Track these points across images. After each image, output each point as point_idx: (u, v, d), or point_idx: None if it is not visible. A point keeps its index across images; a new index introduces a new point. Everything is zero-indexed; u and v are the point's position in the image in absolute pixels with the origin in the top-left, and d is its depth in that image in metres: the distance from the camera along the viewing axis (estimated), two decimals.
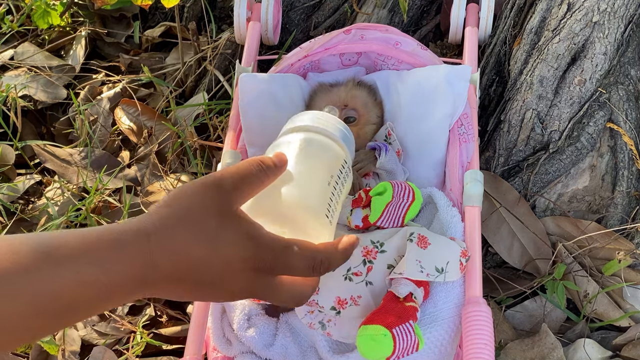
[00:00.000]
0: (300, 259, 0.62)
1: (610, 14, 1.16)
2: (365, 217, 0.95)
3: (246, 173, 0.63)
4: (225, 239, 0.59)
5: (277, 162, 0.66)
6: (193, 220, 0.59)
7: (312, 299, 0.90)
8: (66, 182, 1.35)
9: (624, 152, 1.19)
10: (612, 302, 1.12)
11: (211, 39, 1.51)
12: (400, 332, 0.83)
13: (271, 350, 0.93)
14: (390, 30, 1.21)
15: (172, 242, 0.57)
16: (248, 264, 0.60)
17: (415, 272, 0.89)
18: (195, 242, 0.58)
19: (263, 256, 0.60)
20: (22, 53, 1.59)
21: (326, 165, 0.72)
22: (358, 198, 0.96)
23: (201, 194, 0.60)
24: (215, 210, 0.60)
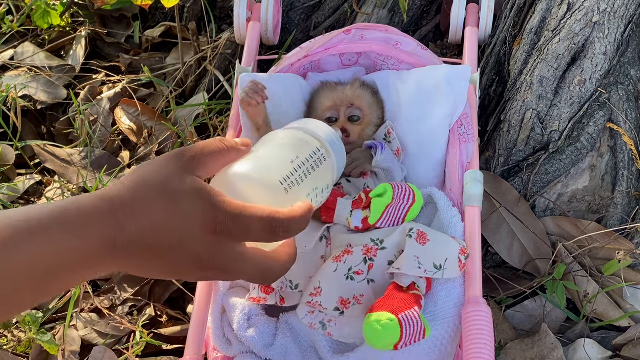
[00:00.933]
0: (257, 221, 0.62)
1: (610, 14, 1.17)
2: (365, 219, 0.96)
3: (207, 146, 0.65)
4: (184, 199, 0.60)
5: (239, 142, 0.68)
6: (154, 182, 0.61)
7: (316, 300, 0.90)
8: (66, 182, 1.35)
9: (624, 152, 1.19)
10: (612, 302, 1.12)
11: (211, 39, 1.51)
12: (407, 318, 0.83)
13: (271, 350, 0.93)
14: (390, 30, 1.21)
15: (133, 202, 0.59)
16: (206, 225, 0.60)
17: (413, 269, 0.89)
18: (155, 202, 0.60)
19: (221, 218, 0.61)
20: (22, 53, 1.59)
21: (292, 147, 0.74)
22: (358, 199, 0.96)
23: (164, 163, 0.62)
24: (175, 177, 0.61)
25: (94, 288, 1.23)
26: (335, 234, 0.98)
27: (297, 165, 0.72)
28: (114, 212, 0.58)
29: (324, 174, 0.77)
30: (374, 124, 1.15)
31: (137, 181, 0.61)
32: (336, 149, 0.79)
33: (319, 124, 0.80)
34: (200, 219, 0.60)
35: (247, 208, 0.62)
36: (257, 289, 0.96)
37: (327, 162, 0.77)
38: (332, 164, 0.78)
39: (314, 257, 0.97)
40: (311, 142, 0.77)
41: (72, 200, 0.58)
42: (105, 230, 0.57)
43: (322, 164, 0.77)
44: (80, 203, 0.58)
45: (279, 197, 0.68)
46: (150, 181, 0.61)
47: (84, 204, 0.58)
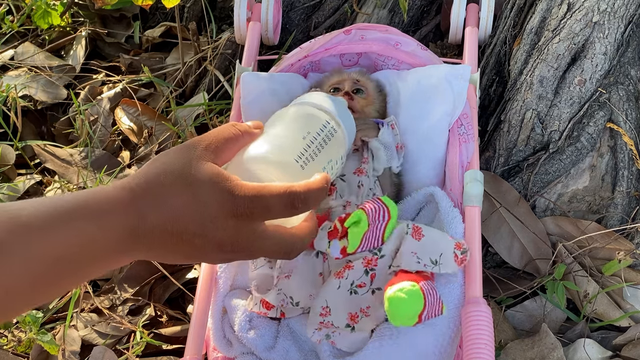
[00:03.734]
0: (276, 198, 0.63)
1: (610, 14, 1.17)
2: (343, 249, 0.93)
3: (220, 132, 0.67)
4: (202, 186, 0.62)
5: (252, 126, 0.70)
6: (172, 172, 0.62)
7: (327, 320, 0.90)
8: (66, 182, 1.35)
9: (624, 152, 1.19)
10: (612, 302, 1.12)
11: (211, 39, 1.51)
12: (427, 287, 0.83)
13: (272, 352, 0.93)
14: (390, 30, 1.21)
15: (153, 192, 0.60)
16: (226, 210, 0.62)
17: (413, 264, 0.89)
18: (174, 191, 0.61)
19: (240, 201, 0.62)
20: (22, 53, 1.59)
21: (302, 124, 0.76)
22: (334, 230, 0.93)
23: (179, 151, 0.64)
24: (192, 166, 0.63)
25: (94, 288, 1.23)
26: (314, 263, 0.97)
27: (310, 140, 0.73)
28: (135, 202, 0.59)
29: (337, 145, 0.78)
30: (376, 109, 1.15)
31: (156, 171, 0.62)
32: (345, 118, 0.80)
33: (324, 96, 0.81)
34: (219, 205, 0.61)
35: (263, 187, 0.64)
36: (259, 304, 0.96)
37: (338, 134, 0.78)
38: (343, 134, 0.79)
39: (312, 274, 0.95)
40: (320, 115, 0.78)
41: (93, 191, 0.59)
42: (127, 220, 0.58)
43: (333, 136, 0.78)
44: (102, 194, 0.59)
45: (296, 175, 0.69)
46: (169, 171, 0.62)
47: (106, 194, 0.59)
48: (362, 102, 1.12)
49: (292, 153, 0.71)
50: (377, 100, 1.15)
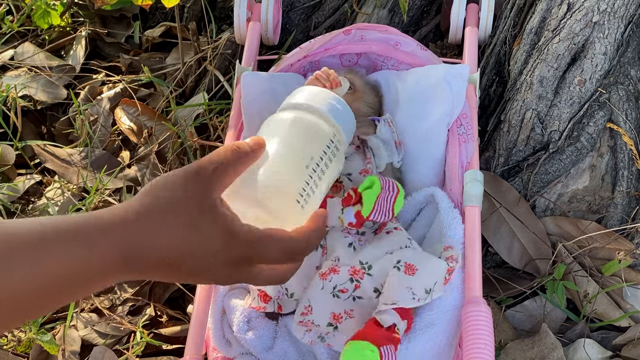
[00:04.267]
0: (277, 251, 0.63)
1: (610, 14, 1.17)
2: (357, 213, 0.94)
3: (224, 159, 0.64)
4: (204, 231, 0.60)
5: (253, 146, 0.67)
6: (173, 210, 0.60)
7: (308, 319, 0.90)
8: (66, 182, 1.35)
9: (624, 152, 1.19)
10: (612, 302, 1.12)
11: (211, 39, 1.51)
12: (387, 352, 0.83)
13: (270, 353, 0.93)
14: (390, 30, 1.21)
15: (153, 231, 0.59)
16: (225, 256, 0.61)
17: (409, 300, 0.88)
18: (175, 233, 0.60)
19: (240, 250, 0.62)
20: (22, 53, 1.59)
21: (307, 146, 0.70)
22: (347, 197, 0.95)
23: (182, 184, 0.62)
24: (195, 200, 0.61)
25: None
26: (332, 243, 0.97)
27: (312, 169, 0.69)
28: (133, 239, 0.58)
29: (338, 162, 0.73)
30: (367, 103, 1.14)
31: (156, 206, 0.60)
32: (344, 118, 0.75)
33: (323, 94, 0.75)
34: (219, 250, 0.61)
35: (265, 236, 0.63)
36: (257, 298, 0.96)
37: (341, 149, 0.73)
38: (344, 145, 0.74)
39: (309, 266, 0.95)
40: (325, 129, 0.72)
41: (93, 215, 0.58)
42: (123, 254, 0.58)
43: (337, 153, 0.73)
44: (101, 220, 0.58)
45: (295, 218, 0.67)
46: (169, 210, 0.60)
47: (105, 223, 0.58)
48: (347, 99, 1.12)
49: (293, 194, 0.66)
50: (367, 95, 1.15)
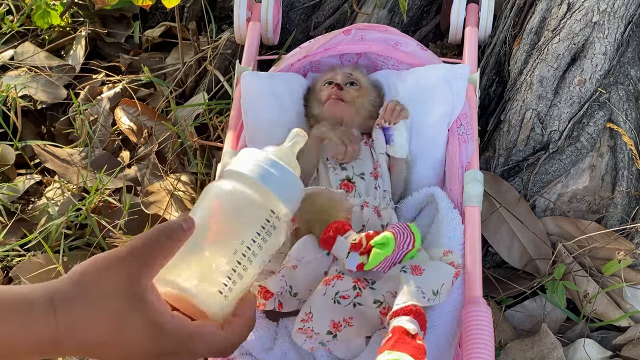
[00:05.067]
0: (203, 348, 0.63)
1: (610, 14, 1.16)
2: (360, 265, 0.93)
3: (153, 244, 0.62)
4: (130, 325, 0.60)
5: (184, 227, 0.64)
6: (100, 303, 0.60)
7: (307, 326, 0.90)
8: (66, 182, 1.35)
9: (624, 152, 1.19)
10: (612, 302, 1.12)
11: (211, 39, 1.51)
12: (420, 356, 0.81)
13: (270, 354, 0.93)
14: (390, 30, 1.21)
15: (75, 323, 0.59)
16: (150, 350, 0.61)
17: (420, 298, 0.87)
18: (99, 324, 0.60)
19: (166, 344, 0.62)
20: (22, 53, 1.59)
21: (238, 229, 0.66)
22: (358, 243, 0.93)
23: (112, 274, 0.60)
24: (124, 292, 0.60)
25: None
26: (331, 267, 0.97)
27: (242, 253, 0.65)
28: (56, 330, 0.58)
29: (276, 242, 0.68)
30: (370, 101, 1.15)
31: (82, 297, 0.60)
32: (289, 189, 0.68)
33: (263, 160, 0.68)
34: (144, 347, 0.61)
35: (195, 333, 0.63)
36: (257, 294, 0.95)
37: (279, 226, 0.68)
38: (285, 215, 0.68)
39: (318, 270, 0.95)
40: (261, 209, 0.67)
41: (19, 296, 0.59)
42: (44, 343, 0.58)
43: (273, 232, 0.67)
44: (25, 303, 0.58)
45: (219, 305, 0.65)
46: (95, 302, 0.60)
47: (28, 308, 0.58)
48: (354, 93, 1.13)
49: (216, 283, 0.64)
50: (371, 93, 1.16)
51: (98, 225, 1.24)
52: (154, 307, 0.61)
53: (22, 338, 0.57)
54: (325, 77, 1.17)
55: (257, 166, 0.68)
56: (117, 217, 1.27)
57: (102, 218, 1.26)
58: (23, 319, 0.58)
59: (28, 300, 0.59)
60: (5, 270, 1.20)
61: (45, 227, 1.24)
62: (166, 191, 1.30)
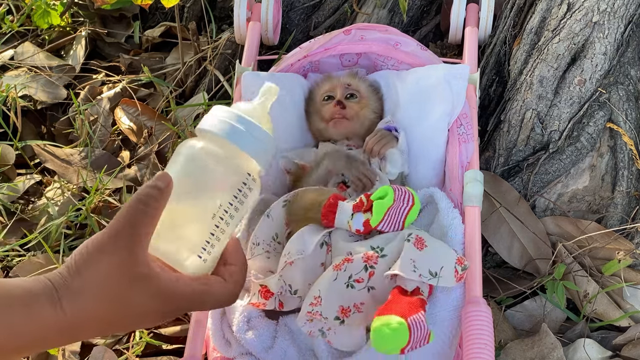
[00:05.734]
0: (213, 302, 0.67)
1: (610, 14, 1.17)
2: (366, 221, 0.94)
3: (135, 216, 0.62)
4: (138, 300, 0.62)
5: (161, 185, 0.64)
6: (103, 288, 0.61)
7: (316, 310, 0.90)
8: (66, 182, 1.35)
9: (624, 152, 1.19)
10: (612, 302, 1.12)
11: (211, 39, 1.51)
12: (414, 322, 0.82)
13: (270, 353, 0.93)
14: (390, 30, 1.21)
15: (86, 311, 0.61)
16: (161, 313, 0.64)
17: (409, 272, 0.88)
18: (108, 309, 0.62)
19: (176, 305, 0.64)
20: (22, 53, 1.59)
21: (215, 193, 0.67)
22: (359, 202, 0.95)
23: (106, 257, 0.61)
24: (123, 272, 0.61)
25: None
26: (337, 240, 0.97)
27: (220, 217, 0.66)
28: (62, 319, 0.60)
29: (251, 200, 0.69)
30: (372, 109, 1.15)
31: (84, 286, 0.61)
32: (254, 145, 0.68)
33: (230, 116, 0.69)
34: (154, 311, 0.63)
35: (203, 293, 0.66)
36: (257, 294, 0.96)
37: (254, 187, 0.69)
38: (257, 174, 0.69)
39: (314, 263, 0.95)
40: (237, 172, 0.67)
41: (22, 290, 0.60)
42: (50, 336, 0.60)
43: (250, 193, 0.69)
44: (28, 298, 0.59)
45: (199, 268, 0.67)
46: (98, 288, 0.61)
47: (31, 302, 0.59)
48: (355, 108, 1.13)
49: (195, 248, 0.66)
50: (372, 100, 1.16)
51: (98, 225, 1.24)
52: (158, 277, 0.62)
53: (27, 329, 0.58)
54: (324, 89, 1.16)
55: (225, 124, 0.68)
56: None
57: (102, 218, 1.26)
58: (28, 311, 0.58)
59: (32, 292, 0.59)
60: (5, 270, 1.20)
61: (45, 227, 1.24)
62: None
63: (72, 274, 0.61)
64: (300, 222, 0.98)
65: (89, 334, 0.64)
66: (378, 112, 1.16)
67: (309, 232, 0.96)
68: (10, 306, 0.58)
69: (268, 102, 0.73)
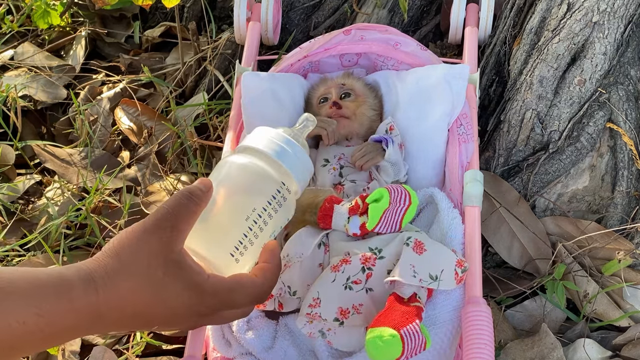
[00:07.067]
0: (244, 298, 0.67)
1: (610, 14, 1.17)
2: (362, 225, 0.94)
3: (178, 209, 0.65)
4: (171, 289, 0.62)
5: (203, 189, 0.68)
6: (139, 273, 0.62)
7: (315, 312, 0.90)
8: (66, 182, 1.35)
9: (623, 152, 1.19)
10: (612, 302, 1.12)
11: (211, 39, 1.51)
12: (408, 332, 0.82)
13: (270, 353, 0.93)
14: (390, 30, 1.21)
15: (119, 295, 0.61)
16: (193, 310, 0.64)
17: (409, 277, 0.88)
18: (141, 294, 0.61)
19: (207, 303, 0.64)
20: (22, 53, 1.59)
21: (250, 197, 0.70)
22: (354, 205, 0.95)
23: (145, 243, 0.63)
24: (159, 259, 0.62)
25: None
26: (334, 241, 0.97)
27: (253, 220, 0.69)
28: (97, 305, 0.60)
29: (285, 213, 0.72)
30: (370, 107, 1.15)
31: (121, 268, 0.61)
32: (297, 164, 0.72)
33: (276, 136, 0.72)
34: (185, 306, 0.63)
35: (232, 290, 0.66)
36: None
37: (288, 200, 0.72)
38: (294, 189, 0.73)
39: (312, 264, 0.96)
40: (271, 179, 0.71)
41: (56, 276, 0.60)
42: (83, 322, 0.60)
43: (284, 203, 0.72)
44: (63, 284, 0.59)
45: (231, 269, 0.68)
46: (134, 272, 0.62)
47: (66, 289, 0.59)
48: (352, 106, 1.12)
49: (228, 247, 0.68)
50: (369, 98, 1.15)
51: (98, 225, 1.24)
52: (191, 269, 0.63)
53: (61, 316, 0.58)
54: (319, 93, 1.16)
55: (272, 142, 0.73)
56: (117, 217, 1.27)
57: (102, 218, 1.26)
58: (62, 297, 0.58)
59: (65, 279, 0.59)
60: None
61: (45, 227, 1.24)
62: (166, 191, 1.30)
63: (109, 255, 0.62)
64: (298, 224, 0.98)
65: (121, 324, 0.63)
66: (377, 109, 1.16)
67: (307, 234, 0.96)
68: (41, 291, 0.58)
69: (306, 130, 0.79)
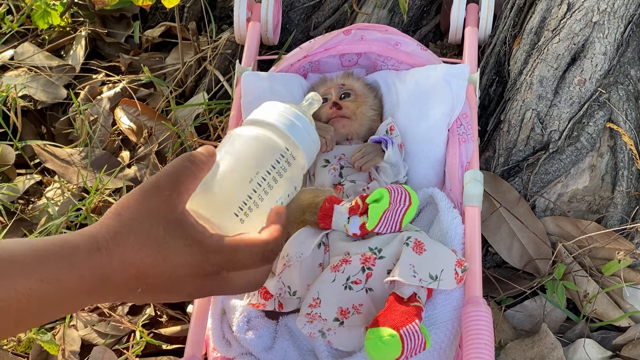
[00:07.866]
0: (250, 256, 0.65)
1: (610, 14, 1.17)
2: (362, 225, 0.94)
3: (179, 171, 0.65)
4: (172, 246, 0.62)
5: (205, 154, 0.68)
6: (141, 230, 0.61)
7: (315, 312, 0.90)
8: (66, 182, 1.35)
9: (623, 152, 1.19)
10: (612, 302, 1.12)
11: (211, 39, 1.51)
12: (408, 332, 0.82)
13: (270, 353, 0.93)
14: (390, 30, 1.21)
15: (122, 254, 0.60)
16: (196, 270, 0.63)
17: (408, 277, 0.88)
18: (143, 252, 0.61)
19: (211, 260, 0.63)
20: (22, 53, 1.59)
21: (253, 159, 0.72)
22: (354, 206, 0.95)
23: (145, 202, 0.63)
24: (160, 217, 0.62)
25: None
26: (334, 240, 0.97)
27: (258, 183, 0.70)
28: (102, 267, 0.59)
29: (292, 177, 0.73)
30: (370, 107, 1.15)
31: (123, 228, 0.61)
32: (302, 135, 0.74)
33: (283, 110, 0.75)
34: (188, 265, 0.62)
35: (236, 247, 0.64)
36: (257, 295, 0.96)
37: (294, 163, 0.74)
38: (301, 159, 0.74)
39: (312, 264, 0.96)
40: (275, 143, 0.73)
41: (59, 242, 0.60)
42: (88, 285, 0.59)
43: (288, 168, 0.73)
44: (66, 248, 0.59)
45: (236, 230, 0.68)
46: (136, 231, 0.61)
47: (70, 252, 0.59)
48: (352, 106, 1.12)
49: (232, 207, 0.68)
50: (369, 97, 1.15)
51: None
52: (193, 227, 0.63)
53: (67, 281, 0.58)
54: (319, 93, 1.16)
55: (282, 116, 0.74)
56: None
57: None
58: (66, 261, 0.58)
59: (69, 243, 0.59)
60: None
61: (45, 227, 1.24)
62: None
63: (110, 217, 0.62)
64: (298, 224, 0.98)
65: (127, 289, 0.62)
66: (377, 109, 1.16)
67: (307, 234, 0.96)
68: (42, 257, 0.57)
69: (312, 107, 0.80)
